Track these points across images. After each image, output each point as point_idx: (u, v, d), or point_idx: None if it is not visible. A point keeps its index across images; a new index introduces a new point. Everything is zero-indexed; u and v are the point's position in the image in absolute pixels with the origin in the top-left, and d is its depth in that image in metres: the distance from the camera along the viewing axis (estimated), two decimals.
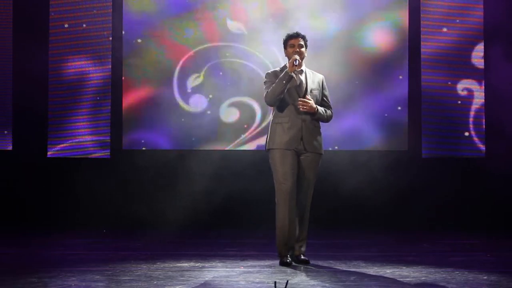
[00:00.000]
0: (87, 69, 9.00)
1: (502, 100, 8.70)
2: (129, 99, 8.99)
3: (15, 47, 9.05)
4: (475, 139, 8.84)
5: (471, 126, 8.85)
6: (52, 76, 9.03)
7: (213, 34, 8.95)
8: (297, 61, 5.35)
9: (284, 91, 5.39)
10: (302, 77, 5.52)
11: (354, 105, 8.81)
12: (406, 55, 8.88)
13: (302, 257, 5.44)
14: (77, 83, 9.01)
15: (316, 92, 5.52)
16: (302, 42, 5.49)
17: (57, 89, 9.03)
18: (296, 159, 5.43)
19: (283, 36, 5.60)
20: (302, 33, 5.55)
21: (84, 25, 8.96)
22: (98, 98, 8.94)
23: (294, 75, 5.42)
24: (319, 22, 8.84)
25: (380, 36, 8.88)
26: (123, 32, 8.96)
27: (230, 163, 8.73)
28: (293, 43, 5.50)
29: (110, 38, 8.94)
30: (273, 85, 5.41)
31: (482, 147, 8.83)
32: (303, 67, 5.56)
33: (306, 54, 5.56)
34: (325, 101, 5.61)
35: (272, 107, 5.58)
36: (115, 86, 8.98)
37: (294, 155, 5.41)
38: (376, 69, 8.87)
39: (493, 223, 8.54)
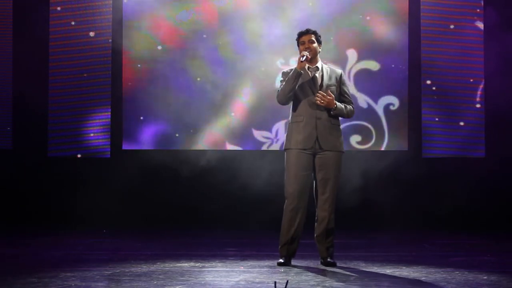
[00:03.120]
0: (88, 67, 9.00)
1: (502, 98, 8.70)
2: (130, 98, 8.99)
3: (15, 46, 9.04)
4: (475, 139, 8.84)
5: (471, 125, 8.85)
6: (53, 75, 9.03)
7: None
8: (305, 56, 5.26)
9: (293, 89, 5.30)
10: (318, 74, 5.40)
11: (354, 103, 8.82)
12: (407, 55, 8.89)
13: (329, 259, 5.34)
14: (77, 82, 9.01)
15: (333, 88, 5.37)
16: (313, 38, 5.38)
17: (58, 88, 9.03)
18: (312, 162, 5.33)
19: None
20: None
21: (84, 18, 8.98)
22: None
23: (303, 72, 5.30)
24: None
25: (378, 33, 8.90)
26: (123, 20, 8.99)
27: (230, 163, 8.72)
28: (303, 40, 5.40)
29: (110, 34, 8.95)
30: (283, 83, 5.36)
31: (482, 147, 8.83)
32: (319, 64, 5.43)
33: (320, 50, 5.45)
34: (344, 96, 5.45)
35: (289, 107, 5.48)
36: (115, 86, 8.98)
37: (310, 159, 5.32)
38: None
39: (493, 223, 8.54)
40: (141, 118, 8.95)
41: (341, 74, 5.49)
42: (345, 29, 8.87)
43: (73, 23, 8.97)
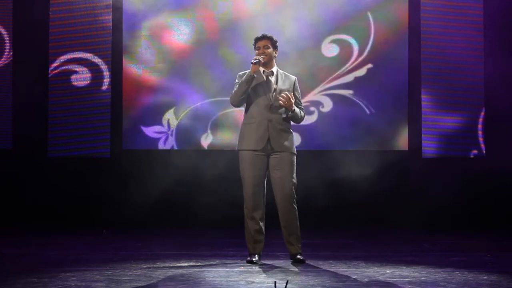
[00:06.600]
0: (88, 68, 9.00)
1: (502, 99, 8.70)
2: (129, 99, 8.99)
3: (15, 46, 9.04)
4: (475, 139, 8.84)
5: (471, 126, 8.85)
6: (53, 75, 9.03)
7: None
8: (257, 60, 5.38)
9: (246, 92, 5.44)
10: (273, 78, 5.54)
11: (354, 104, 8.84)
12: (406, 54, 8.90)
13: (298, 256, 5.47)
14: (78, 82, 9.01)
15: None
16: (268, 44, 5.51)
17: (58, 88, 9.03)
18: (266, 162, 5.47)
19: None
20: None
21: (84, 19, 8.98)
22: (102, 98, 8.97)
23: (256, 75, 5.42)
24: None
25: (379, 32, 8.91)
26: (123, 26, 8.98)
27: (230, 162, 8.72)
28: (258, 45, 5.54)
29: (110, 35, 8.95)
30: (236, 86, 5.47)
31: (482, 147, 8.83)
32: (274, 68, 5.58)
33: (275, 55, 5.58)
34: (297, 102, 5.58)
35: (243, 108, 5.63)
36: (115, 85, 8.98)
37: (263, 160, 5.46)
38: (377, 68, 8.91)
39: (493, 223, 8.55)
40: (142, 118, 8.95)
41: (295, 81, 5.63)
42: (345, 30, 8.89)
43: (73, 22, 8.98)
